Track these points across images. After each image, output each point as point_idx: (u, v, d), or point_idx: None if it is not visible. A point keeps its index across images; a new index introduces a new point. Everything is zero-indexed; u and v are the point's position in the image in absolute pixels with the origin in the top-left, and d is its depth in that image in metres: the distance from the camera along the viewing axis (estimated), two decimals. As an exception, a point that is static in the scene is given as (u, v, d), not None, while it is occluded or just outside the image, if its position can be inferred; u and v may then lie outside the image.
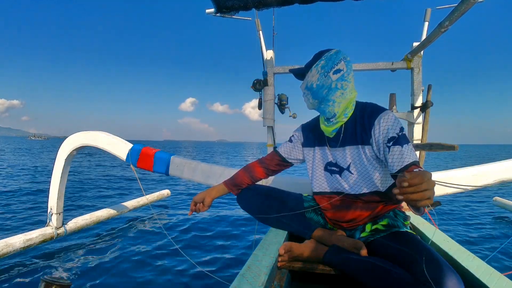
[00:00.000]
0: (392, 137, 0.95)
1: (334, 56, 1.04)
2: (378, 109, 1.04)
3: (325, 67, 1.04)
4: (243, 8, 1.56)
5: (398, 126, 0.98)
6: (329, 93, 1.04)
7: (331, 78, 1.03)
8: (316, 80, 1.05)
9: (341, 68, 1.04)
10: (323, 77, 1.04)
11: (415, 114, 2.04)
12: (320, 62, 1.05)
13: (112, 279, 2.14)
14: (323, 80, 1.04)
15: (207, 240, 3.07)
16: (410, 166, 0.90)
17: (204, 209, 1.29)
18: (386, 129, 0.98)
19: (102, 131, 2.40)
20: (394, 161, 0.93)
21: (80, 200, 5.01)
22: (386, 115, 1.00)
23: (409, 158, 0.91)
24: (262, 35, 2.27)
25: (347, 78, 1.05)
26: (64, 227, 2.95)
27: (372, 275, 0.85)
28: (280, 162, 1.31)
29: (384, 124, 0.99)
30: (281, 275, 0.98)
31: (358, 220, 1.08)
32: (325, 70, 1.04)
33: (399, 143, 0.93)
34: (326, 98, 1.05)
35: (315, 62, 1.06)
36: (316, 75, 1.05)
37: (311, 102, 1.10)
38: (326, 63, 1.04)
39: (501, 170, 1.61)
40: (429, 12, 2.17)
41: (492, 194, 5.61)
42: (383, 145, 0.97)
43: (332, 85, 1.04)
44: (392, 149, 0.94)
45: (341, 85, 1.04)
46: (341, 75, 1.04)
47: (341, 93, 1.04)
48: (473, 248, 2.94)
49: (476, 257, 0.91)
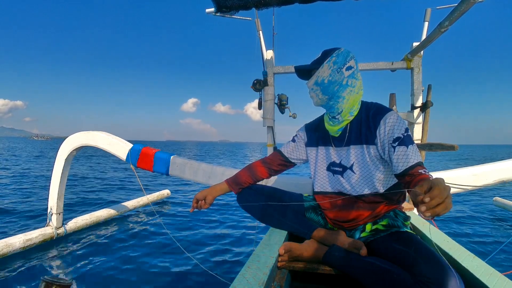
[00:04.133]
0: (398, 137, 0.96)
1: (346, 54, 1.05)
2: (383, 109, 1.05)
3: (337, 63, 1.04)
4: (243, 8, 1.56)
5: (404, 126, 0.99)
6: (340, 89, 1.05)
7: (344, 74, 1.04)
8: (328, 75, 1.04)
9: (352, 66, 1.05)
10: (336, 72, 1.04)
11: (415, 114, 2.04)
12: (332, 58, 1.04)
13: (112, 279, 2.14)
14: (336, 75, 1.04)
15: (207, 239, 3.07)
16: (415, 167, 0.90)
17: (206, 207, 1.29)
18: (391, 129, 0.98)
19: (102, 131, 2.40)
20: (399, 161, 0.93)
21: (80, 200, 5.01)
22: (391, 115, 1.01)
23: (414, 159, 0.92)
24: (262, 35, 2.27)
25: (356, 76, 1.06)
26: (64, 227, 2.95)
27: (372, 275, 0.85)
28: (283, 162, 1.31)
29: (389, 124, 0.99)
30: (281, 275, 0.98)
31: (358, 220, 1.08)
32: (338, 66, 1.04)
33: (405, 143, 0.94)
34: (336, 94, 1.06)
35: (325, 59, 1.06)
36: (328, 70, 1.04)
37: (320, 98, 1.09)
38: (338, 59, 1.04)
39: (501, 170, 1.61)
40: (429, 12, 2.17)
41: (492, 194, 5.61)
42: (388, 145, 0.98)
43: (344, 81, 1.04)
44: (397, 149, 0.95)
45: (351, 82, 1.05)
46: (352, 72, 1.05)
47: (350, 90, 1.05)
48: (473, 248, 2.94)
49: (476, 257, 0.91)
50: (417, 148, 0.95)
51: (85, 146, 2.52)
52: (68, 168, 2.73)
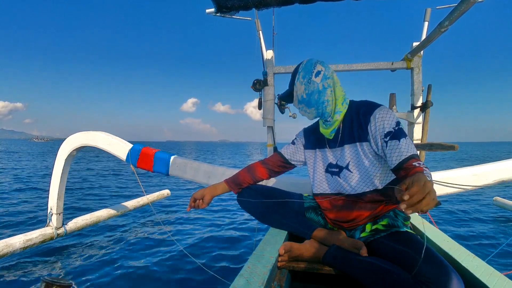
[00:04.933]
0: (389, 132, 0.97)
1: (308, 64, 1.09)
2: (373, 105, 1.06)
3: (305, 76, 1.08)
4: (243, 8, 1.56)
5: (394, 120, 0.99)
6: (320, 96, 1.07)
7: (316, 82, 1.06)
8: (304, 90, 1.08)
9: (320, 70, 1.08)
10: (308, 84, 1.07)
11: (415, 114, 2.04)
12: (299, 74, 1.10)
13: (112, 279, 2.14)
14: (310, 87, 1.07)
15: (207, 239, 3.07)
16: (409, 160, 0.90)
17: (203, 206, 1.29)
18: (382, 124, 0.99)
19: (102, 131, 2.40)
20: (392, 155, 0.94)
21: (80, 200, 5.01)
22: (381, 111, 1.02)
23: (407, 151, 0.92)
24: (262, 35, 2.27)
25: (328, 75, 1.08)
26: (64, 227, 2.95)
27: (372, 275, 0.85)
28: (282, 164, 1.32)
29: (379, 119, 1.00)
30: (281, 275, 0.98)
31: (358, 220, 1.08)
32: (308, 78, 1.07)
33: (396, 137, 0.95)
34: (319, 101, 1.07)
35: (295, 78, 1.12)
36: (301, 86, 1.09)
37: (309, 112, 1.12)
38: (304, 72, 1.09)
39: (501, 170, 1.61)
40: (429, 12, 2.17)
41: (492, 194, 5.61)
42: (381, 140, 0.99)
43: (319, 87, 1.06)
44: (389, 143, 0.95)
45: (326, 84, 1.07)
46: (322, 75, 1.07)
47: (331, 91, 1.08)
48: (473, 248, 2.94)
49: (476, 257, 0.91)
50: (410, 140, 0.96)
51: (85, 146, 2.52)
52: (68, 168, 2.73)
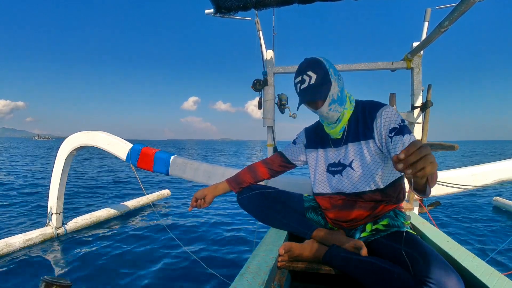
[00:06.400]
0: (394, 128, 0.98)
1: (327, 60, 1.06)
2: (378, 104, 1.08)
3: (336, 73, 1.06)
4: (242, 9, 1.56)
5: (399, 117, 1.01)
6: (343, 92, 1.08)
7: (340, 79, 1.08)
8: (337, 87, 1.04)
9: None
10: (339, 81, 1.07)
11: (415, 114, 2.04)
12: (330, 70, 1.03)
13: (112, 279, 2.14)
14: (340, 83, 1.07)
15: (208, 239, 3.07)
16: None
17: (205, 206, 1.29)
18: (387, 121, 1.00)
19: (102, 131, 2.40)
20: (397, 150, 0.95)
21: (80, 199, 5.01)
22: (387, 109, 1.04)
23: None
24: (262, 35, 2.27)
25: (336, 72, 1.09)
26: (64, 227, 2.95)
27: (372, 275, 0.85)
28: (284, 163, 1.32)
29: (385, 116, 1.01)
30: (281, 275, 0.98)
31: (358, 220, 1.08)
32: (338, 75, 1.07)
33: (401, 132, 0.96)
34: (344, 98, 1.08)
35: (327, 75, 1.01)
36: (335, 83, 1.03)
37: (339, 111, 1.07)
38: (333, 69, 1.06)
39: (501, 170, 1.61)
40: (429, 12, 2.17)
41: (492, 194, 5.61)
42: (385, 137, 1.00)
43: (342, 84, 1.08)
44: (394, 139, 0.96)
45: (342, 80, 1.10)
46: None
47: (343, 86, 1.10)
48: (473, 248, 2.94)
49: (476, 257, 0.91)
50: (414, 137, 0.96)
51: (85, 146, 2.52)
52: (68, 168, 2.73)
